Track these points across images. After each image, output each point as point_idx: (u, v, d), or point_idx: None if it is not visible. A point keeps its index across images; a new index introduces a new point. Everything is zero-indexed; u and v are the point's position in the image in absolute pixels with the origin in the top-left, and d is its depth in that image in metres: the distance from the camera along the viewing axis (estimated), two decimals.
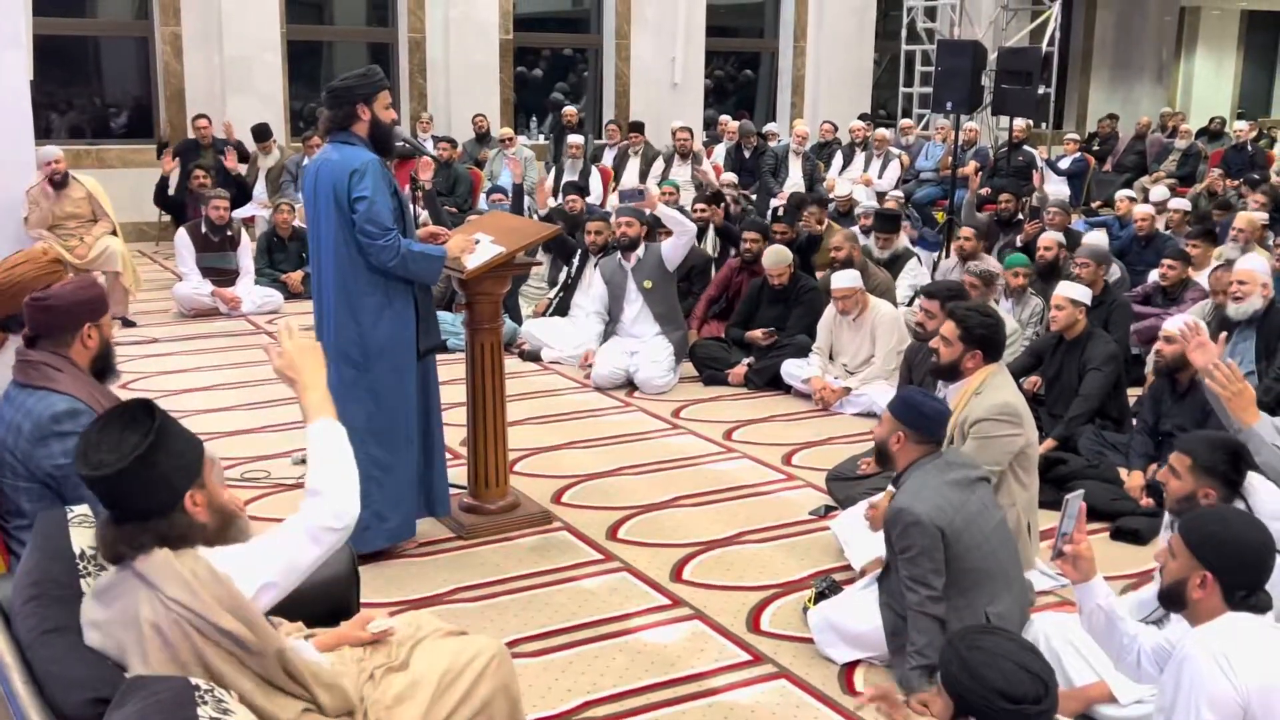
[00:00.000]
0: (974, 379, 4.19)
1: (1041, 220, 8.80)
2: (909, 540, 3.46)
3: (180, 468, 2.30)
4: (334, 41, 13.92)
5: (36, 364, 3.17)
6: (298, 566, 2.40)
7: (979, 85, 10.12)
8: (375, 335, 4.31)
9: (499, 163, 12.22)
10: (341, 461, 2.49)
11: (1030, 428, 4.20)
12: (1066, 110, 18.55)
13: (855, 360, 6.74)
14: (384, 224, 4.21)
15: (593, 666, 3.76)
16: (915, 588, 3.46)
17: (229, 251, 8.92)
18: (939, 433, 3.67)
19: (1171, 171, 13.89)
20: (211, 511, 2.36)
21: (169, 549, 2.26)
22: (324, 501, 2.43)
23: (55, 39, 11.76)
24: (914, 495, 3.51)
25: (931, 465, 3.60)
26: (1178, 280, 7.29)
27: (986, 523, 3.58)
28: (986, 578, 3.54)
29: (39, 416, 3.09)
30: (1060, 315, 5.75)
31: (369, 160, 4.24)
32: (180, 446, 2.31)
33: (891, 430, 3.65)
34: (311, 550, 2.40)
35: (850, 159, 12.98)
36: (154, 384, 6.93)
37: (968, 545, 3.49)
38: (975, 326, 4.18)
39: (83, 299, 3.28)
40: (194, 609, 2.21)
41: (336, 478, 2.46)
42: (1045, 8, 15.77)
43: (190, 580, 2.23)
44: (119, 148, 12.08)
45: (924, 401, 3.66)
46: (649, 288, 7.09)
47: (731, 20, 16.33)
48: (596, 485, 5.40)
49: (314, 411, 2.55)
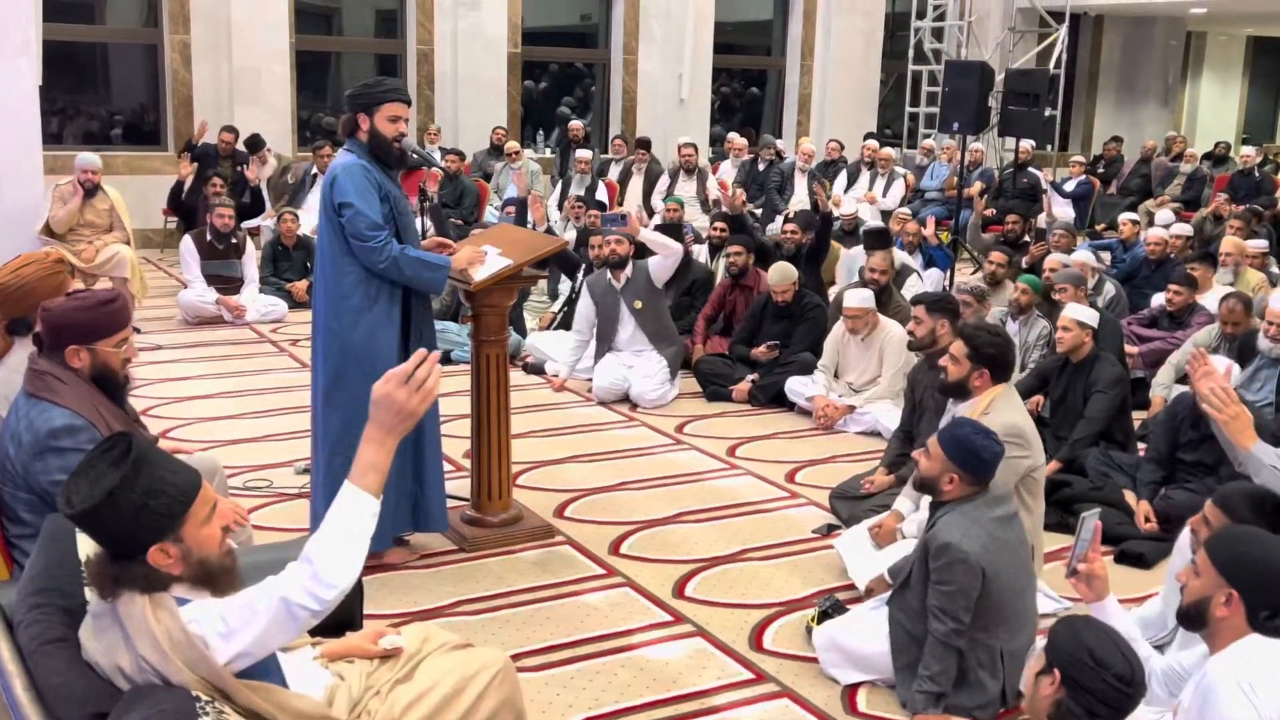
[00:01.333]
0: (982, 399, 4.17)
1: (1047, 242, 8.80)
2: (951, 575, 3.41)
3: (141, 523, 2.17)
4: (342, 53, 13.96)
5: (43, 374, 3.14)
6: (272, 642, 2.27)
7: (986, 106, 10.14)
8: (352, 338, 4.29)
9: (505, 176, 12.25)
10: (352, 539, 2.31)
11: (1038, 450, 4.18)
12: (1072, 133, 18.58)
13: (861, 379, 6.73)
14: (369, 223, 4.20)
15: (594, 682, 3.74)
16: (944, 619, 3.42)
17: (234, 260, 8.94)
18: (992, 475, 3.57)
19: (1176, 196, 13.90)
20: (189, 565, 2.24)
21: (147, 596, 2.18)
22: (309, 575, 2.27)
23: (65, 45, 11.80)
24: (963, 532, 3.43)
25: (981, 501, 3.53)
26: (1184, 305, 7.28)
27: (1019, 561, 3.56)
28: (1012, 616, 3.51)
29: (38, 430, 3.05)
30: (1067, 337, 5.74)
31: (349, 165, 4.24)
32: (148, 501, 2.16)
33: (944, 470, 3.53)
34: (288, 626, 2.26)
35: (855, 178, 13.01)
36: (158, 391, 6.92)
37: (1004, 585, 3.46)
38: (984, 345, 4.16)
39: (79, 321, 3.14)
40: (161, 671, 2.16)
41: (337, 555, 2.29)
42: (1052, 30, 15.82)
43: (162, 640, 2.16)
44: (126, 155, 12.10)
45: (985, 446, 3.51)
46: (639, 308, 7.07)
47: (739, 38, 16.37)
48: (599, 500, 5.39)
49: (362, 473, 2.34)
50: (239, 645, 2.22)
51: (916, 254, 9.39)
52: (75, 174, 8.38)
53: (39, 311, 3.20)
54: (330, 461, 4.34)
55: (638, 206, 11.78)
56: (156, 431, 6.04)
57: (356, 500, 2.32)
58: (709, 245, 9.08)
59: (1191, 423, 5.10)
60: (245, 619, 2.23)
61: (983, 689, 3.48)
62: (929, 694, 3.42)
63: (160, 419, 6.37)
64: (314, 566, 2.27)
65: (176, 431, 6.15)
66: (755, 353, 7.23)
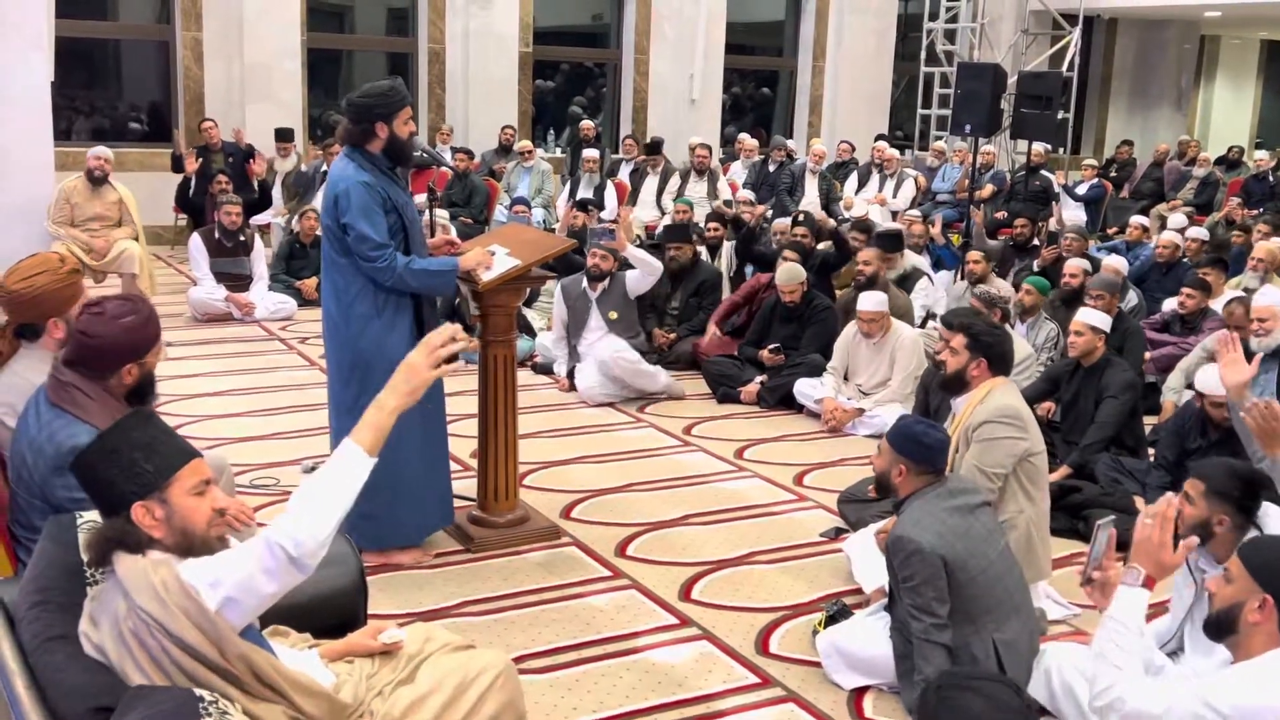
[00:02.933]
0: (979, 390, 4.15)
1: (1059, 246, 8.77)
2: (910, 569, 3.44)
3: (130, 475, 2.27)
4: (354, 51, 13.97)
5: (69, 386, 3.10)
6: (259, 587, 2.30)
7: (998, 109, 10.10)
8: (361, 344, 4.30)
9: (516, 175, 12.24)
10: (335, 494, 2.39)
11: (1035, 435, 4.15)
12: (1084, 136, 18.53)
13: (871, 381, 6.70)
14: (374, 245, 4.22)
15: (599, 685, 3.73)
16: (920, 616, 3.44)
17: (242, 257, 8.94)
18: (940, 463, 3.65)
19: (1189, 199, 13.85)
20: (170, 528, 2.30)
21: (140, 555, 2.26)
22: (291, 521, 2.34)
23: (77, 41, 11.83)
24: (915, 523, 3.49)
25: (933, 493, 3.59)
26: (1196, 309, 7.25)
27: (990, 549, 3.55)
28: (994, 604, 3.51)
29: (61, 446, 3.01)
30: (1079, 341, 5.72)
31: (352, 183, 4.24)
32: (136, 455, 2.27)
33: (892, 463, 3.64)
34: (270, 568, 2.30)
35: (866, 179, 12.98)
36: (166, 387, 6.90)
37: (972, 573, 3.46)
38: (981, 334, 4.15)
39: (131, 341, 3.15)
40: (161, 620, 2.21)
41: (316, 505, 2.36)
42: (1065, 33, 15.77)
43: (160, 591, 2.22)
44: (138, 151, 12.12)
45: (924, 432, 3.63)
46: (614, 319, 7.10)
47: (751, 38, 16.35)
48: (606, 501, 5.37)
49: (362, 431, 2.46)
50: (226, 590, 2.27)
51: (924, 254, 9.36)
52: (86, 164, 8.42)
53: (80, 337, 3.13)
54: None
55: (652, 206, 11.78)
56: None
57: (352, 456, 2.43)
58: (707, 246, 9.06)
59: (1200, 430, 5.07)
60: (230, 563, 2.30)
61: None
62: None
63: (169, 416, 6.36)
64: (296, 512, 2.35)
65: (185, 429, 6.14)
66: (761, 356, 7.21)
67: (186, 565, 2.30)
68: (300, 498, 2.37)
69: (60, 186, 8.43)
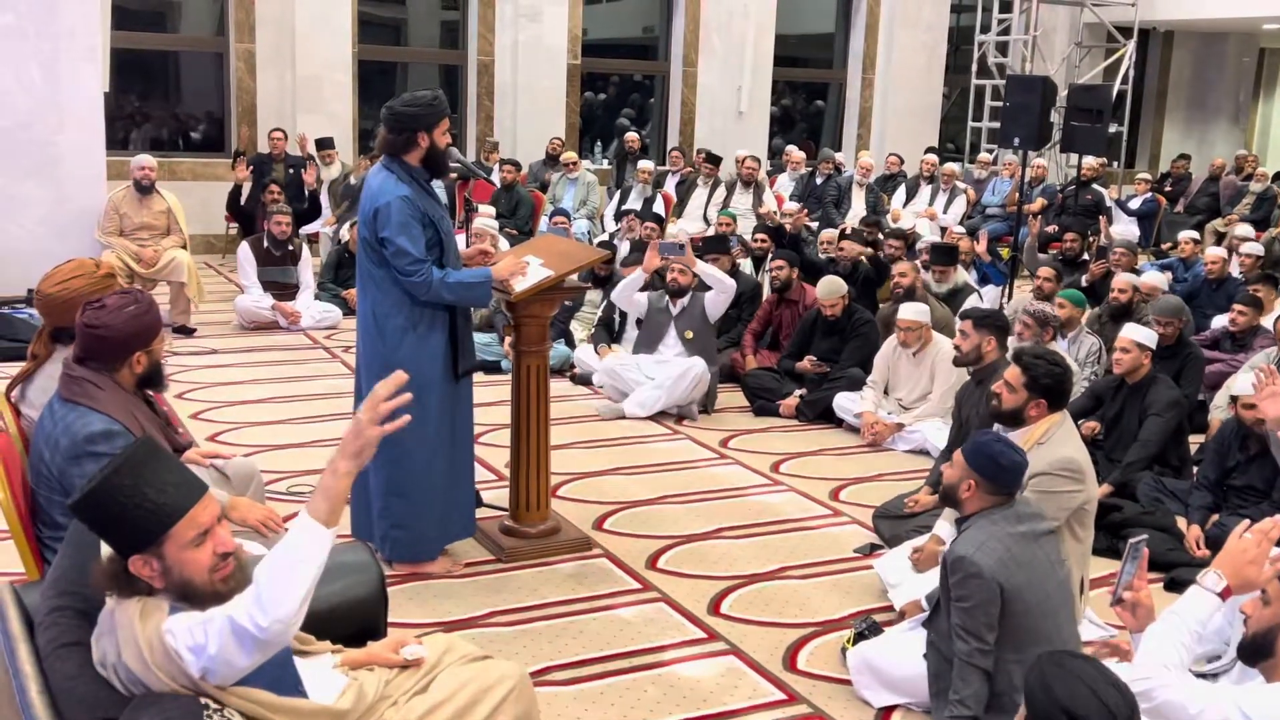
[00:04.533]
0: (1037, 428, 4.04)
1: (1107, 261, 8.65)
2: (966, 591, 3.35)
3: (123, 531, 2.20)
4: (404, 63, 14.09)
5: (80, 380, 3.19)
6: (233, 661, 2.21)
7: (1047, 121, 10.00)
8: (397, 357, 4.29)
9: (562, 186, 12.28)
10: (296, 571, 2.23)
11: (1091, 483, 4.05)
12: (1139, 149, 18.28)
13: (911, 395, 6.64)
14: (411, 260, 4.24)
15: (623, 698, 3.71)
16: (966, 638, 3.36)
17: (289, 266, 9.03)
18: (1014, 486, 3.51)
19: (1245, 215, 13.60)
20: (170, 581, 2.24)
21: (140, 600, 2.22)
22: (253, 598, 2.21)
23: (136, 52, 12.05)
24: (978, 545, 3.38)
25: (1001, 515, 3.47)
26: (1247, 326, 7.12)
27: (1049, 580, 3.46)
28: (1042, 637, 3.40)
29: (75, 435, 3.11)
30: (1125, 359, 5.63)
31: (392, 198, 4.25)
32: (125, 512, 2.18)
33: (963, 476, 3.51)
34: (240, 645, 2.20)
35: (914, 192, 12.88)
36: (210, 394, 7.00)
37: (1027, 603, 3.38)
38: (1042, 376, 4.02)
39: (136, 329, 3.26)
40: (142, 678, 2.18)
41: (277, 585, 2.21)
42: (1120, 45, 15.58)
43: (144, 650, 2.17)
44: (191, 161, 12.30)
45: (1002, 452, 3.48)
46: (690, 339, 7.03)
47: (800, 50, 16.30)
48: (639, 513, 5.36)
49: (318, 502, 2.29)
50: (204, 661, 2.19)
51: (971, 270, 9.27)
52: (131, 174, 8.54)
53: (86, 330, 3.22)
54: (376, 473, 4.38)
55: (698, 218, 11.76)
56: (206, 434, 6.12)
57: (308, 530, 2.27)
58: (752, 258, 9.03)
59: (1240, 446, 4.98)
60: (207, 636, 2.20)
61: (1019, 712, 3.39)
62: (960, 718, 3.34)
63: (212, 423, 6.44)
64: (258, 589, 2.22)
65: (226, 435, 6.22)
66: (800, 367, 7.17)
67: (173, 623, 2.22)
68: (262, 574, 2.23)
69: (109, 197, 8.54)
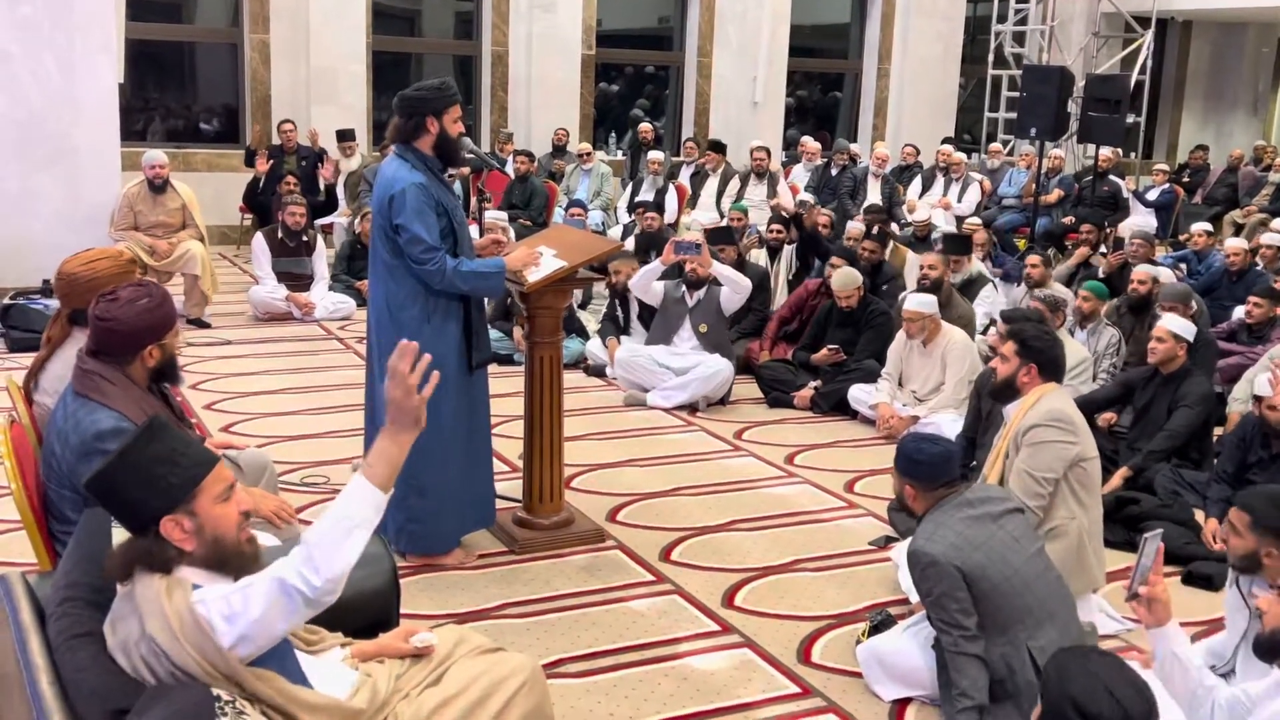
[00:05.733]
0: (1029, 397, 4.08)
1: (1123, 252, 8.59)
2: (928, 583, 3.40)
3: (156, 490, 2.22)
4: (419, 54, 14.08)
5: (92, 374, 3.17)
6: (273, 626, 2.25)
7: (1064, 112, 9.95)
8: None
9: (575, 177, 12.26)
10: (351, 531, 2.28)
11: (1087, 440, 4.06)
12: (1157, 140, 18.17)
13: (925, 388, 6.60)
14: (426, 247, 4.21)
15: (637, 690, 3.70)
16: (946, 629, 3.39)
17: (303, 257, 9.04)
18: (942, 475, 3.55)
19: (1264, 206, 13.51)
20: (201, 539, 2.27)
21: (161, 574, 2.22)
22: (305, 560, 2.26)
23: (151, 44, 12.06)
24: (928, 536, 3.44)
25: (950, 505, 3.52)
26: (1264, 318, 7.06)
27: (1016, 556, 3.47)
28: (1023, 613, 3.43)
29: (85, 431, 3.09)
30: (1160, 348, 5.60)
31: (407, 185, 4.24)
32: (159, 469, 2.22)
33: (900, 485, 3.62)
34: (285, 609, 2.24)
35: (930, 183, 12.82)
36: (225, 385, 7.01)
37: (994, 581, 3.39)
38: (1030, 339, 4.08)
39: (148, 322, 3.23)
40: (169, 652, 2.18)
41: (331, 544, 2.27)
42: (1138, 35, 15.47)
43: (171, 620, 2.18)
44: (206, 152, 12.32)
45: (918, 449, 3.57)
46: (704, 332, 7.01)
47: (815, 41, 16.23)
48: (652, 505, 5.34)
49: (376, 465, 2.34)
50: (241, 628, 2.22)
51: (988, 262, 9.22)
52: (143, 173, 8.53)
53: (98, 323, 3.20)
54: None
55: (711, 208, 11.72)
56: (219, 425, 6.13)
57: (364, 492, 2.32)
58: (768, 249, 9.00)
59: (1261, 441, 4.93)
60: (246, 601, 2.23)
61: (1029, 697, 3.37)
62: (968, 710, 3.33)
63: (225, 413, 6.45)
64: (309, 549, 2.27)
65: (239, 426, 6.22)
66: (816, 358, 7.14)
67: (204, 593, 2.25)
68: (314, 535, 2.29)
69: (123, 192, 8.53)
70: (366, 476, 2.32)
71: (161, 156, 8.68)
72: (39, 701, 2.08)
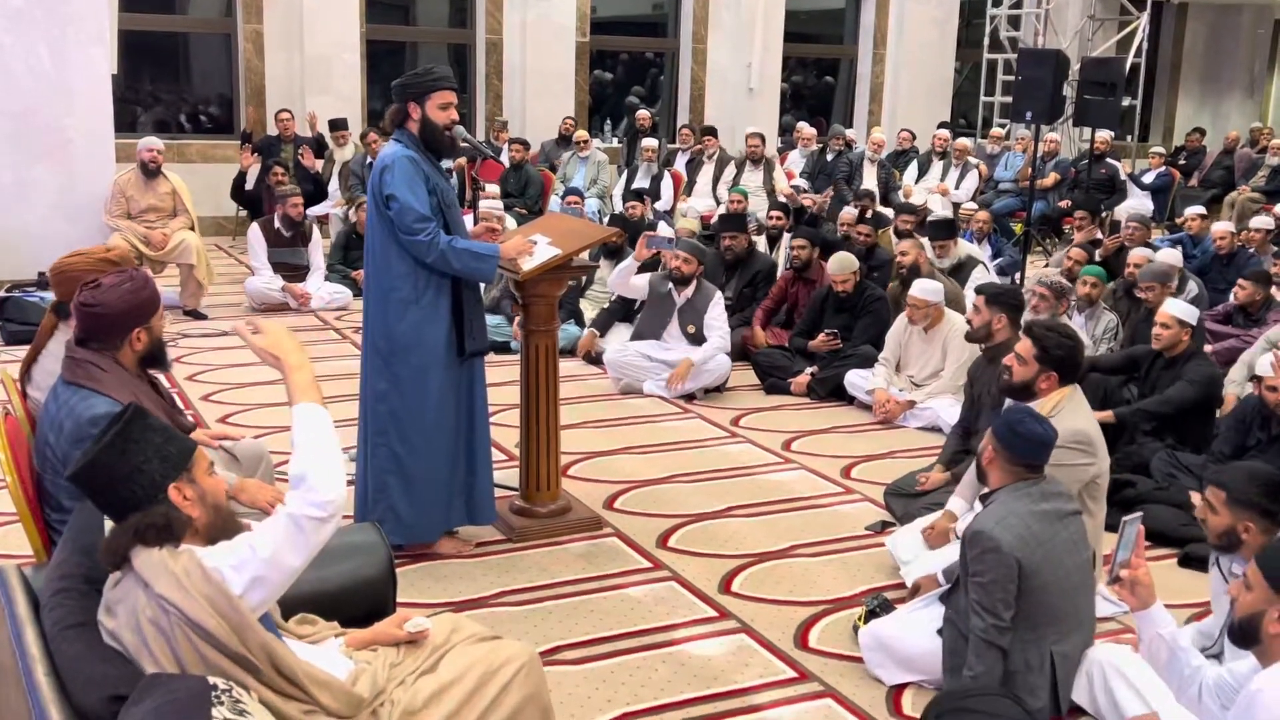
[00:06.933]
0: (1047, 401, 4.00)
1: (1120, 235, 8.59)
2: (984, 566, 3.32)
3: (160, 458, 2.30)
4: (413, 42, 14.04)
5: (83, 363, 3.20)
6: (286, 562, 2.33)
7: (1060, 95, 9.91)
8: (399, 329, 4.28)
9: (572, 165, 12.24)
10: (325, 447, 2.42)
11: (1103, 456, 4.03)
12: (1153, 123, 18.13)
13: (923, 373, 6.60)
14: (417, 216, 4.18)
15: (634, 677, 3.71)
16: (983, 614, 3.33)
17: (300, 248, 9.03)
18: (1035, 459, 3.48)
19: (1259, 188, 13.50)
20: (204, 506, 2.35)
21: (162, 545, 2.26)
22: (307, 489, 2.36)
23: (144, 34, 12.02)
24: (998, 521, 3.35)
25: (1025, 492, 3.44)
26: (1251, 301, 7.07)
27: (1070, 560, 3.43)
28: (1060, 616, 3.39)
29: (79, 418, 3.11)
30: (1165, 334, 5.59)
31: (397, 156, 4.23)
32: (156, 439, 2.31)
33: (986, 444, 3.52)
34: (299, 540, 2.33)
35: (926, 168, 12.80)
36: (221, 376, 7.01)
37: (1045, 581, 3.35)
38: (1053, 347, 3.99)
39: (133, 304, 3.28)
40: (181, 607, 2.21)
41: (319, 463, 2.39)
42: (1133, 18, 15.44)
43: (181, 578, 2.23)
44: (199, 143, 12.30)
45: (1021, 421, 3.47)
46: (693, 333, 6.96)
47: (810, 26, 16.20)
48: (650, 492, 5.35)
49: (300, 393, 2.49)
50: (252, 570, 2.30)
51: (985, 245, 9.21)
52: (138, 156, 8.53)
53: (83, 309, 3.22)
54: (375, 451, 4.36)
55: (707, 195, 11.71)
56: (216, 416, 6.13)
57: (311, 416, 2.47)
58: (767, 236, 8.98)
59: (1260, 424, 4.93)
60: (253, 546, 2.32)
61: (1031, 693, 3.37)
62: None
63: (221, 404, 6.45)
64: (303, 480, 2.37)
65: (236, 417, 6.22)
66: (813, 344, 7.13)
67: (208, 552, 2.31)
68: (299, 468, 2.39)
69: (115, 180, 8.53)
70: (300, 404, 2.48)
71: (157, 141, 8.69)
72: (35, 692, 2.09)
